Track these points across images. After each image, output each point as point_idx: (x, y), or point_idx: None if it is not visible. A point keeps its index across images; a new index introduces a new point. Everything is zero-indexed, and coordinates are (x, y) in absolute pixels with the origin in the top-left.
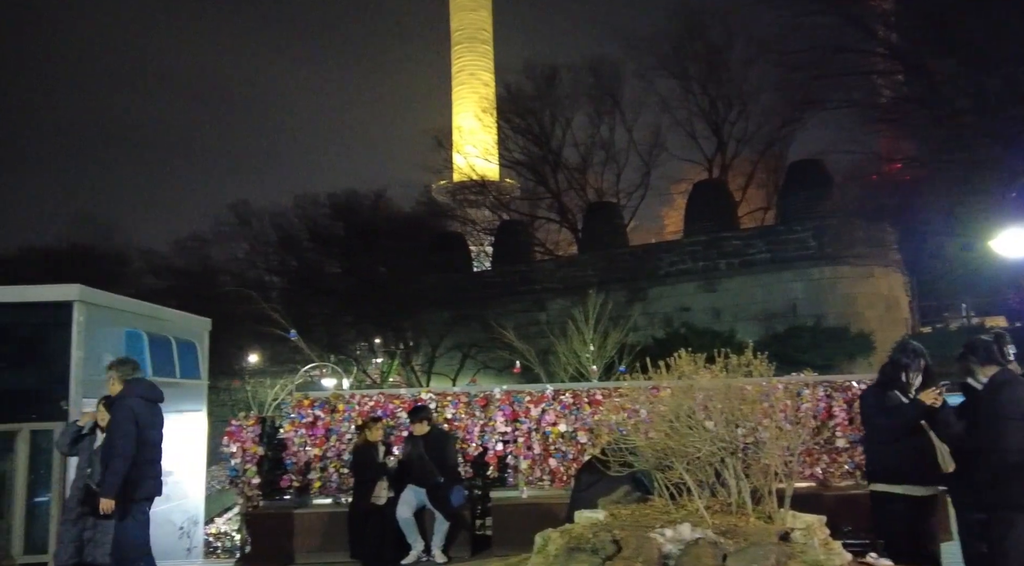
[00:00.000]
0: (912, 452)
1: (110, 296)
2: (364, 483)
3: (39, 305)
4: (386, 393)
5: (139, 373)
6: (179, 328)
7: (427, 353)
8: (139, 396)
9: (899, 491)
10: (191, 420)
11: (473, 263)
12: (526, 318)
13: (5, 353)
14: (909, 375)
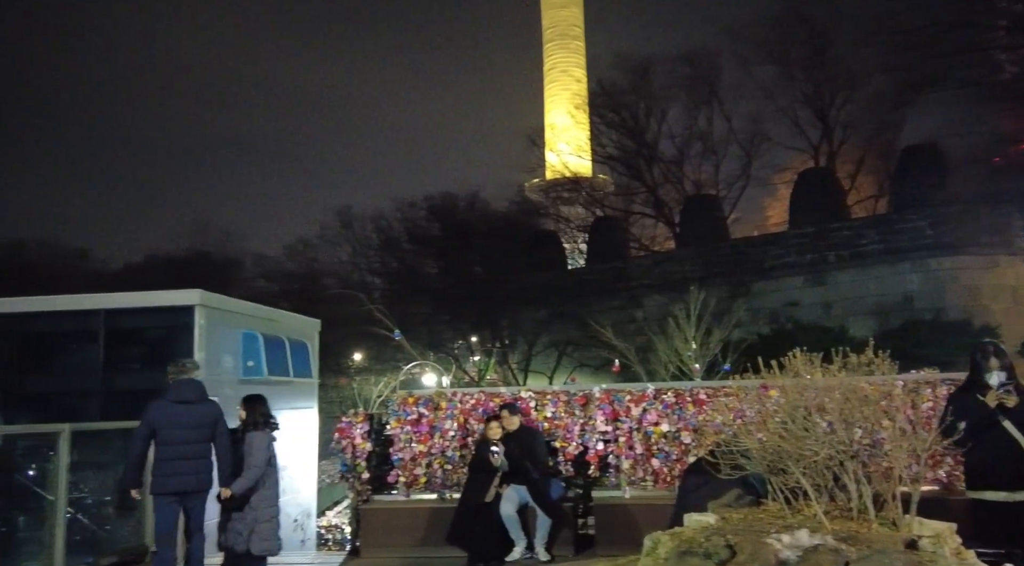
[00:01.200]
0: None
1: (228, 300)
2: (474, 479)
3: (164, 309)
4: (487, 391)
5: (186, 374)
6: (291, 329)
7: (523, 351)
8: (169, 398)
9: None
10: (304, 417)
11: (568, 261)
12: (622, 315)
13: (135, 355)
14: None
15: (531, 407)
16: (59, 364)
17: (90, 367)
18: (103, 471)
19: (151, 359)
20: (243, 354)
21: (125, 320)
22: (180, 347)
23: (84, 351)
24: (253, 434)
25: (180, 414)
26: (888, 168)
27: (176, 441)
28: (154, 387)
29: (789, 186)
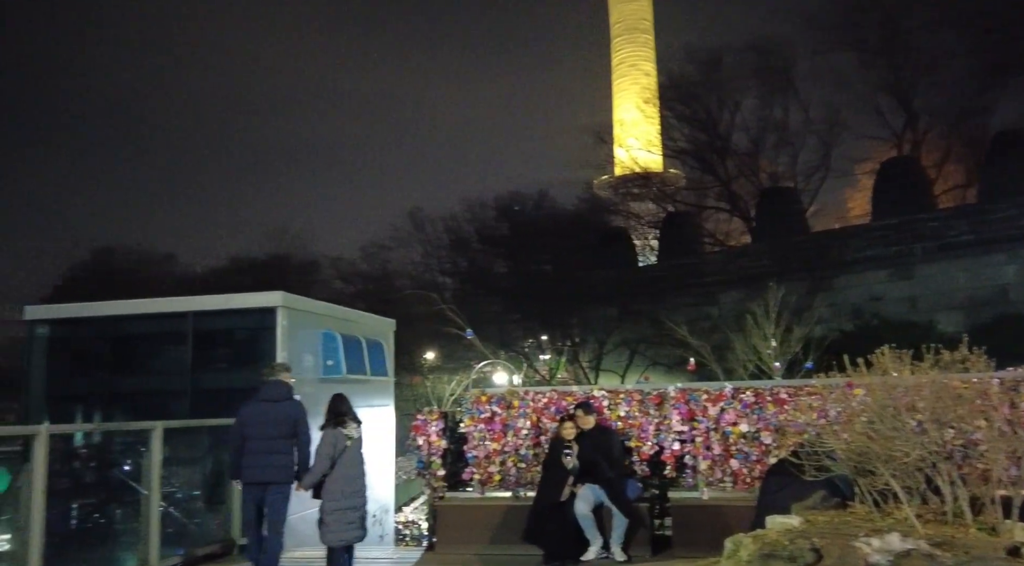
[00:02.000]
0: None
1: (308, 301)
2: (548, 477)
3: (248, 311)
4: (559, 390)
5: (275, 376)
6: (368, 329)
7: (594, 350)
8: (257, 397)
9: None
10: (381, 414)
11: (639, 258)
12: (696, 313)
13: (221, 355)
14: None
15: (604, 406)
16: (151, 364)
17: (179, 367)
18: (192, 467)
19: (236, 359)
20: (323, 353)
21: (212, 322)
22: (263, 347)
23: (174, 352)
24: (321, 432)
25: (265, 412)
26: (977, 156)
27: (260, 436)
28: (239, 386)
29: (871, 176)
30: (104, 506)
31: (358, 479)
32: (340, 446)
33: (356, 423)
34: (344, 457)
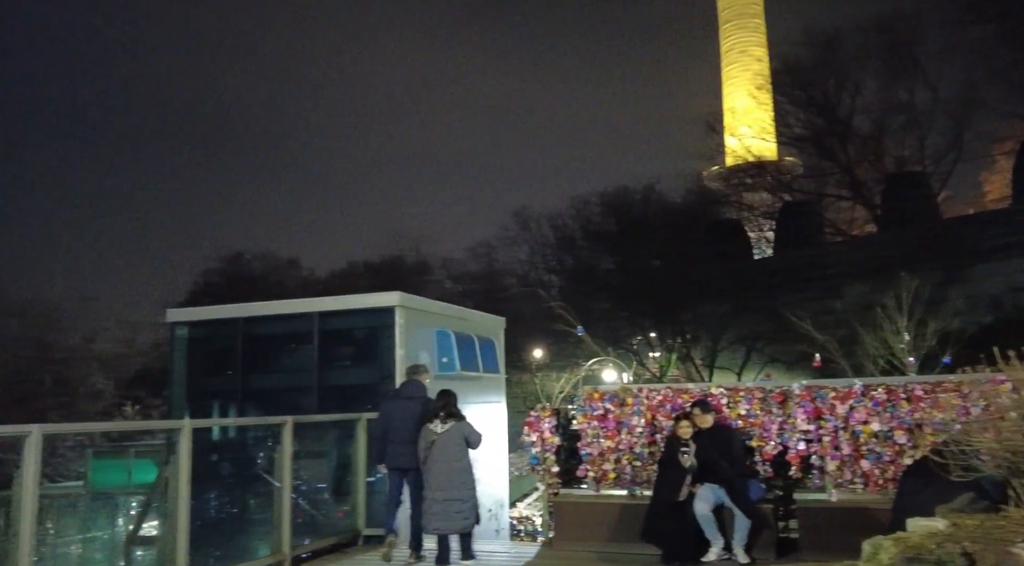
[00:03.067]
0: None
1: (423, 300)
2: (664, 476)
3: (369, 310)
4: (674, 388)
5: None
6: (480, 327)
7: (707, 347)
8: (395, 395)
9: None
10: (493, 411)
11: (753, 250)
12: (818, 306)
13: (346, 353)
14: None
15: (723, 404)
16: (280, 362)
17: (307, 365)
18: (319, 460)
19: (358, 356)
20: (437, 351)
21: (335, 321)
22: (383, 345)
23: (301, 350)
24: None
25: (401, 407)
26: None
27: (398, 428)
28: (361, 382)
29: (1010, 157)
30: (239, 496)
31: (446, 473)
32: (427, 440)
33: (445, 419)
34: (432, 451)
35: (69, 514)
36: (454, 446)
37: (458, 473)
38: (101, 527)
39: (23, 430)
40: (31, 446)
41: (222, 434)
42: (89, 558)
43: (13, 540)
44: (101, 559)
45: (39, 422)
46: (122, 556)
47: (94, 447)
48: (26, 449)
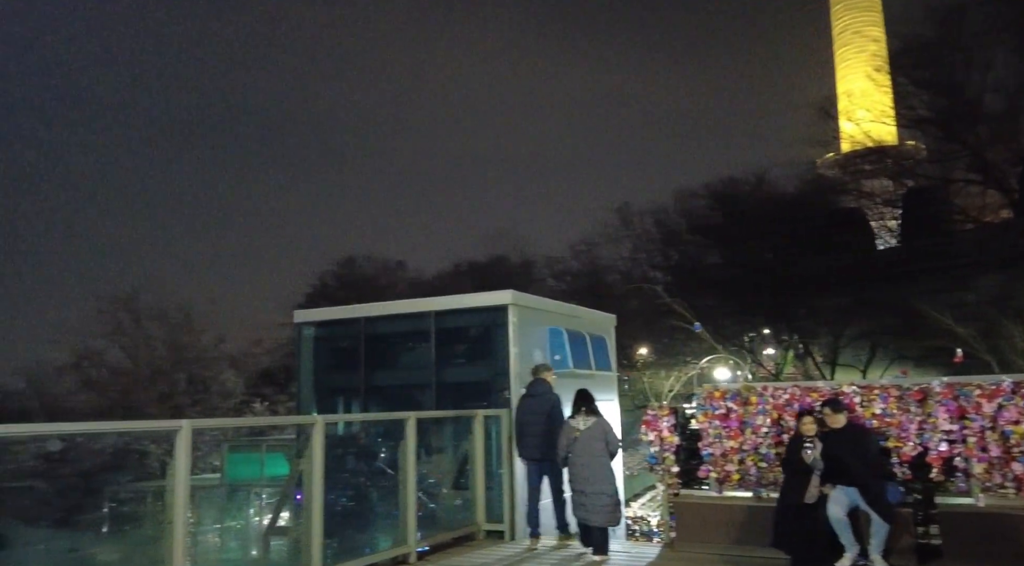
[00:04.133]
0: None
1: (535, 298)
2: (790, 478)
3: (482, 309)
4: (802, 385)
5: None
6: (590, 324)
7: (828, 343)
8: (525, 394)
9: None
10: (606, 409)
11: (875, 241)
12: (949, 299)
13: (461, 351)
14: None
15: (855, 403)
16: (399, 360)
17: (424, 362)
18: (439, 455)
19: (473, 354)
20: (550, 348)
21: (450, 320)
22: (496, 343)
23: (419, 349)
24: None
25: (529, 404)
26: None
27: (527, 422)
28: (476, 379)
29: None
30: (363, 490)
31: (589, 467)
32: (569, 436)
33: (588, 416)
34: (574, 447)
35: (207, 504)
36: (596, 442)
37: (601, 467)
38: (236, 517)
39: (175, 424)
40: (182, 439)
41: (346, 429)
42: (226, 546)
43: (167, 527)
44: (236, 547)
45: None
46: (260, 546)
47: (229, 441)
48: (178, 442)
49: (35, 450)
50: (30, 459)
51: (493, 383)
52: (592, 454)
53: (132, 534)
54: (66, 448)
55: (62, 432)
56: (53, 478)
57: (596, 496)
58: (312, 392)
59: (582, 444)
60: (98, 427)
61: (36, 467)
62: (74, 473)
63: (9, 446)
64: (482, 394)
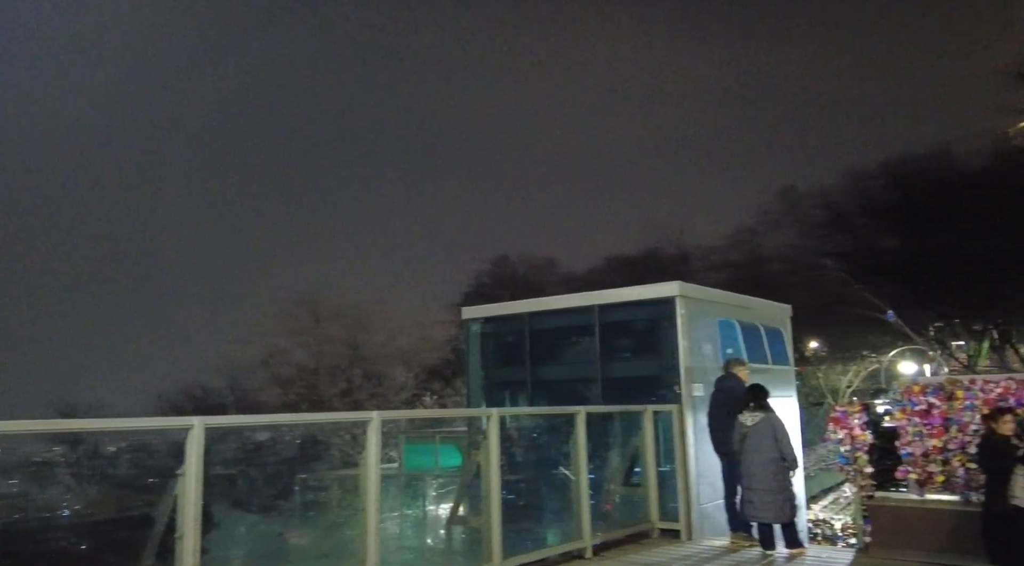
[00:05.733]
0: None
1: (704, 289)
2: (993, 481)
3: (648, 302)
4: (1016, 378)
5: (729, 369)
6: (764, 315)
7: None
8: (715, 388)
9: None
10: (783, 405)
11: None
12: None
13: (626, 345)
14: None
15: None
16: (564, 354)
17: (589, 356)
18: (608, 451)
19: (639, 348)
20: (722, 342)
21: (615, 314)
22: (664, 337)
23: (584, 343)
24: None
25: (719, 398)
26: None
27: (712, 415)
28: (643, 374)
29: None
30: (534, 483)
31: (758, 465)
32: (740, 433)
33: (756, 412)
34: (745, 443)
35: (385, 494)
36: (764, 438)
37: (770, 464)
38: (413, 506)
39: (367, 416)
40: (373, 430)
41: (513, 422)
42: (403, 533)
43: (361, 514)
44: (412, 535)
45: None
46: (441, 535)
47: (405, 433)
48: (369, 432)
49: (244, 440)
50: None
51: (662, 378)
52: (759, 450)
53: (319, 519)
54: (270, 439)
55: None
56: (258, 466)
57: (763, 493)
58: (480, 386)
59: (750, 440)
60: (298, 419)
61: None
62: (274, 462)
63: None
64: (650, 389)
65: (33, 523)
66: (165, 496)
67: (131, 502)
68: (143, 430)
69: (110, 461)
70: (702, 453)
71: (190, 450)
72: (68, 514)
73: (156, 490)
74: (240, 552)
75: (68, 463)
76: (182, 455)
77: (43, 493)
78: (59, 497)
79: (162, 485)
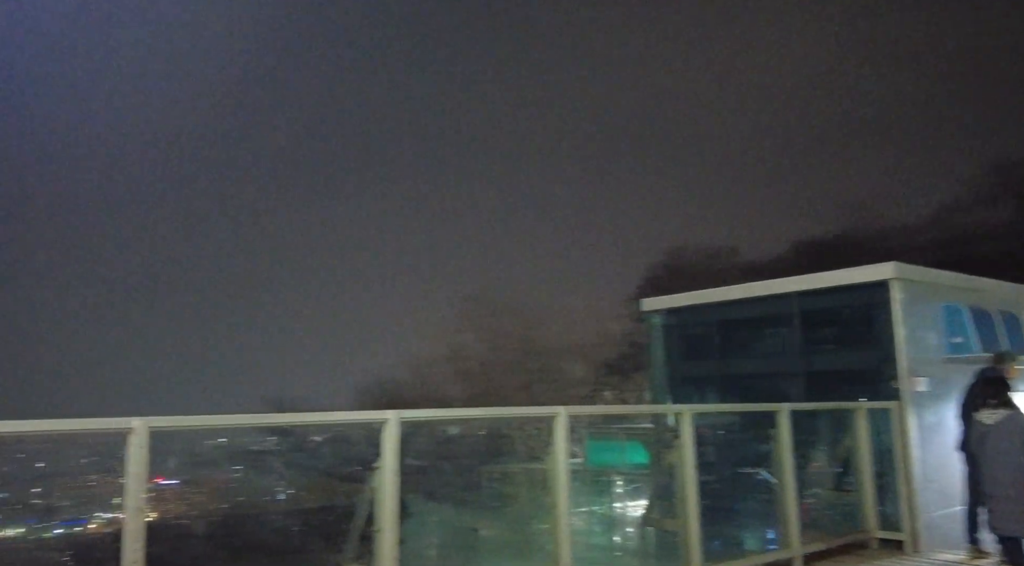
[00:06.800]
0: None
1: (924, 270)
2: None
3: (856, 287)
4: None
5: (996, 364)
6: (998, 299)
7: None
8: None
9: None
10: None
11: None
12: None
13: (830, 335)
14: None
15: None
16: (758, 347)
17: (788, 349)
18: (815, 452)
19: (847, 339)
20: (947, 329)
21: (818, 301)
22: (877, 325)
23: (781, 334)
24: None
25: (968, 391)
26: None
27: (965, 409)
28: (853, 367)
29: None
30: (729, 486)
31: (996, 469)
32: (978, 432)
33: (998, 408)
34: (985, 444)
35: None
36: (1006, 439)
37: (1012, 469)
38: (599, 502)
39: (553, 411)
40: (560, 425)
41: (702, 420)
42: (590, 530)
43: (551, 511)
44: (599, 531)
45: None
46: (636, 536)
47: (590, 429)
48: (556, 427)
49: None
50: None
51: (875, 372)
52: (1001, 452)
53: (506, 511)
54: (459, 433)
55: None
56: (447, 458)
57: (1006, 501)
58: (665, 382)
59: (991, 441)
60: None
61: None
62: (462, 454)
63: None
64: (861, 384)
65: (252, 507)
66: (364, 487)
67: (334, 490)
68: (343, 423)
69: (314, 452)
70: (929, 456)
71: (386, 443)
72: (282, 498)
73: (354, 479)
74: (433, 542)
75: (279, 452)
76: (377, 446)
77: (260, 479)
78: (273, 483)
79: (360, 475)
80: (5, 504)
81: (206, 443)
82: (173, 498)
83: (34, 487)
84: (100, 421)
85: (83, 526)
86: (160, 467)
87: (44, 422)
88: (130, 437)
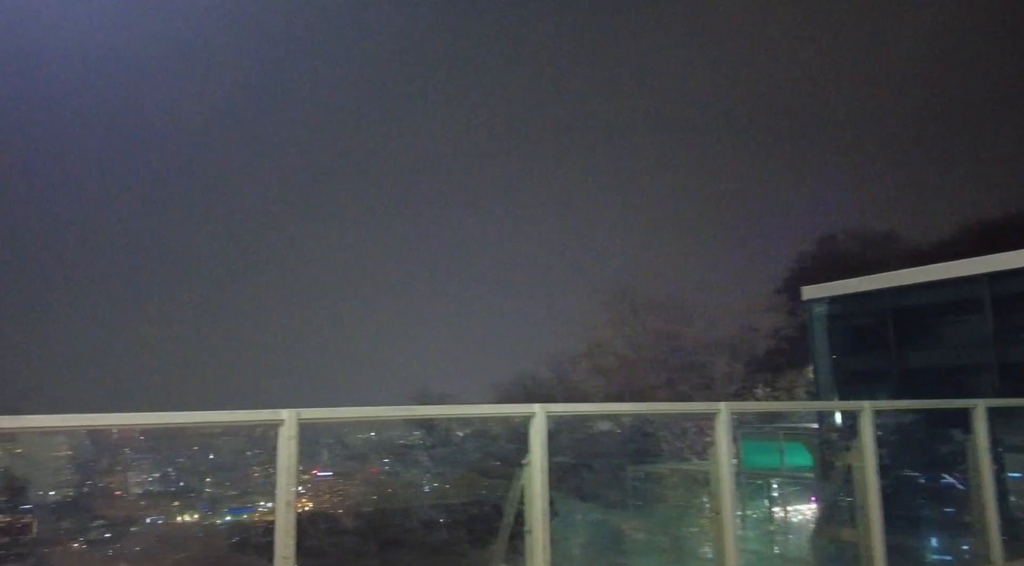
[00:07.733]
0: None
1: None
2: None
3: None
4: None
5: None
6: None
7: None
8: None
9: None
10: None
11: None
12: None
13: None
14: None
15: None
16: (939, 336)
17: (977, 338)
18: (1013, 454)
19: None
20: None
21: (1014, 283)
22: None
23: (967, 321)
24: None
25: None
26: None
27: None
28: None
29: None
30: (909, 491)
31: None
32: None
33: None
34: None
35: None
36: None
37: None
38: (756, 508)
39: (714, 407)
40: (721, 423)
41: (876, 418)
42: (744, 536)
43: (715, 517)
44: (754, 537)
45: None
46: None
47: (743, 429)
48: (718, 425)
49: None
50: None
51: None
52: None
53: (650, 511)
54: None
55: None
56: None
57: None
58: (830, 376)
59: None
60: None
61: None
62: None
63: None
64: None
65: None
66: (511, 484)
67: (477, 485)
68: (490, 416)
69: (459, 446)
70: None
71: (534, 437)
72: (428, 491)
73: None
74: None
75: (424, 447)
76: (520, 441)
77: (407, 472)
78: (419, 477)
79: (504, 470)
80: (183, 492)
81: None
82: (327, 489)
83: (207, 477)
84: (251, 413)
85: (249, 514)
86: (315, 460)
87: (197, 414)
88: (280, 429)
